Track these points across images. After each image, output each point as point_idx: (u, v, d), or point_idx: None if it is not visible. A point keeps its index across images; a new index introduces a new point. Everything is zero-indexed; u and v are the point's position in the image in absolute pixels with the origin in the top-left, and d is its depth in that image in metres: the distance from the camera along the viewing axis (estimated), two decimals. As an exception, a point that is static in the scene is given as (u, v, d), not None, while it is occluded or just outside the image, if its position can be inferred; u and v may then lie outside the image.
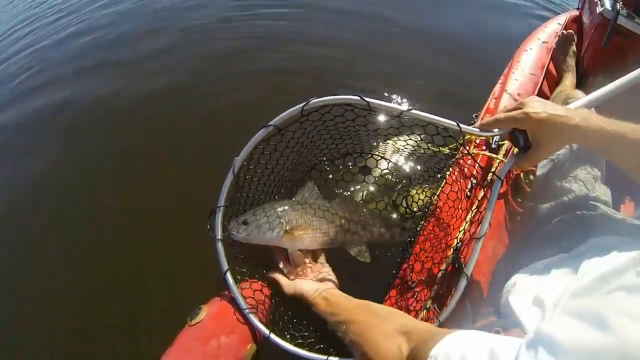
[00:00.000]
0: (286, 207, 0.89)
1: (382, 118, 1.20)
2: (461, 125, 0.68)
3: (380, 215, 1.07)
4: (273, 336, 0.70)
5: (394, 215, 1.08)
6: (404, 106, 0.71)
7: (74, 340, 1.02)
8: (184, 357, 0.67)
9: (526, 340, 0.34)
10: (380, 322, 0.62)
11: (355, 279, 0.90)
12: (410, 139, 1.02)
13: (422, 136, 0.94)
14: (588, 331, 0.30)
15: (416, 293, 0.78)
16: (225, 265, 0.77)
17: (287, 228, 0.85)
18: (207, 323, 0.71)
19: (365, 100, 0.69)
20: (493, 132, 0.70)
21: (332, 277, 0.84)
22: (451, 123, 0.69)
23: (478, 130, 0.70)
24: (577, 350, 0.29)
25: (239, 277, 0.80)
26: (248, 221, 0.83)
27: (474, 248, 0.68)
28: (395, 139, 1.10)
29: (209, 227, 0.79)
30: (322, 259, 0.91)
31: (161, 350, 0.69)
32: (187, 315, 0.73)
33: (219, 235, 0.79)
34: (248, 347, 0.72)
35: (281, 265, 0.87)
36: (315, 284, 0.79)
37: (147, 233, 1.22)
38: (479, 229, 0.69)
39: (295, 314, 0.81)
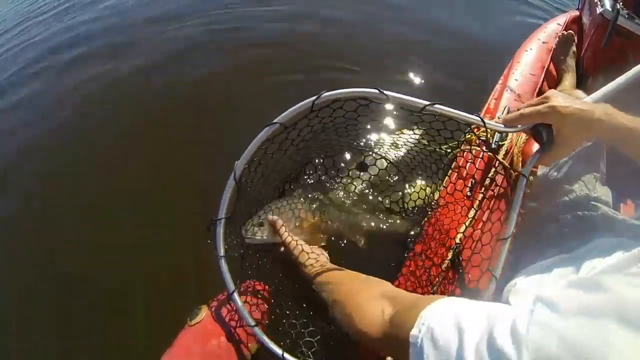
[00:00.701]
0: (293, 201, 0.92)
1: (386, 114, 1.20)
2: (486, 121, 0.66)
3: (380, 205, 1.08)
4: (287, 356, 0.65)
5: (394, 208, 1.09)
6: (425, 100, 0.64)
7: (74, 339, 1.01)
8: (183, 358, 0.66)
9: (525, 308, 0.34)
10: (366, 287, 0.64)
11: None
12: (412, 137, 1.02)
13: (425, 135, 0.95)
14: (585, 294, 0.31)
15: (420, 293, 0.78)
16: (232, 286, 0.71)
17: (298, 224, 0.88)
18: (207, 323, 0.71)
19: (384, 94, 0.63)
20: (517, 127, 0.67)
21: (326, 254, 0.87)
22: (475, 119, 0.66)
23: (502, 126, 0.68)
24: (575, 307, 0.30)
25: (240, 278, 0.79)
26: (262, 222, 0.84)
27: (500, 250, 0.65)
28: (397, 136, 1.10)
29: (209, 241, 0.72)
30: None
31: (161, 351, 0.68)
32: (187, 315, 0.73)
33: (222, 252, 0.72)
34: (248, 347, 0.72)
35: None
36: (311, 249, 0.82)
37: (146, 232, 1.21)
38: (505, 230, 0.66)
39: (300, 322, 0.80)
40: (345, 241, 0.99)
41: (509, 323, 0.32)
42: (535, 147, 0.71)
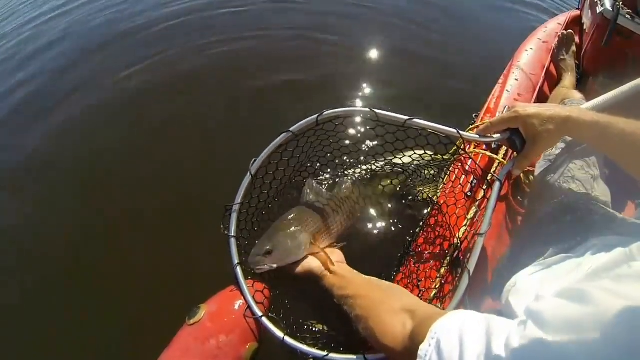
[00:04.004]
0: (301, 220, 0.87)
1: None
2: (461, 132, 0.72)
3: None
4: (287, 339, 0.69)
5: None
6: (408, 114, 0.74)
7: (73, 338, 1.01)
8: (182, 357, 0.66)
9: (519, 319, 0.36)
10: (386, 299, 0.63)
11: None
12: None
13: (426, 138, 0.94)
14: (570, 305, 0.32)
15: (420, 291, 0.78)
16: (236, 259, 0.80)
17: (311, 241, 0.84)
18: (206, 322, 0.71)
19: (373, 112, 0.74)
20: (492, 137, 0.72)
21: (340, 252, 0.86)
22: (452, 131, 0.72)
23: (478, 136, 0.73)
24: (559, 321, 0.31)
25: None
26: (270, 249, 0.80)
27: (475, 244, 0.68)
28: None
29: (222, 227, 0.84)
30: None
31: (159, 350, 0.68)
32: (186, 314, 0.73)
33: (233, 232, 0.84)
34: (248, 346, 0.71)
35: None
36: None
37: (146, 232, 1.21)
38: (480, 226, 0.70)
39: (296, 315, 0.81)
40: (345, 242, 0.97)
41: (504, 338, 0.34)
42: None
